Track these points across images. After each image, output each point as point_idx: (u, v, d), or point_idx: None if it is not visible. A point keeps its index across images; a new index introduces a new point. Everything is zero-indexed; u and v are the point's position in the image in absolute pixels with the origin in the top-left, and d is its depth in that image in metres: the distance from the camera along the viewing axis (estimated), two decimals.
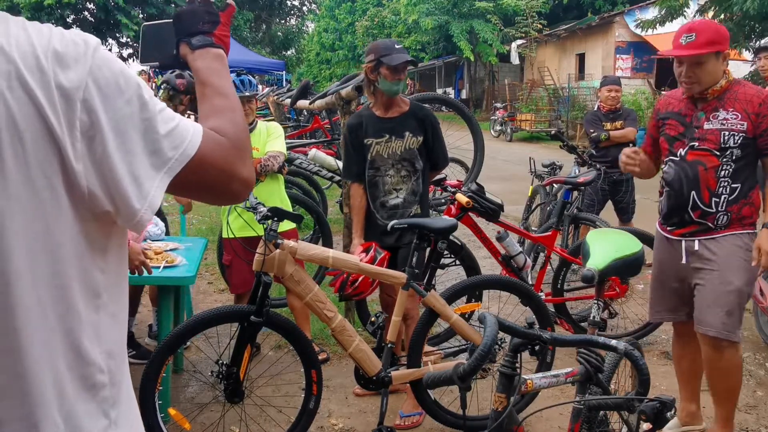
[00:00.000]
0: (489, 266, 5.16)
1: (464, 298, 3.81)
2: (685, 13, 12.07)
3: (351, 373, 3.23)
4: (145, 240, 3.43)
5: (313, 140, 7.68)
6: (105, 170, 0.86)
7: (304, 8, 42.62)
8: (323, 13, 36.85)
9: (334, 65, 34.33)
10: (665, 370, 3.79)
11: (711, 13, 11.21)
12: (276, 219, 2.87)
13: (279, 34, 38.96)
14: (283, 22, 41.40)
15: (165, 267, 3.09)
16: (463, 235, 4.23)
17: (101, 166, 0.86)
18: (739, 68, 11.72)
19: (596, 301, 2.37)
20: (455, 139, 5.26)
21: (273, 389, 3.38)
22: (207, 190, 0.99)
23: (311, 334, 3.95)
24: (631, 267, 2.40)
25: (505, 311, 4.09)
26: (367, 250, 3.09)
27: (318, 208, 5.24)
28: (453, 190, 3.79)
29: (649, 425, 1.59)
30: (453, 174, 5.82)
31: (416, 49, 26.63)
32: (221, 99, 1.04)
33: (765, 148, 2.71)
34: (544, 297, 4.03)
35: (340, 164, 4.65)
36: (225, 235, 3.84)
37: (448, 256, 3.92)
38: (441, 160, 3.47)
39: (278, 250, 2.80)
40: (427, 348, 3.28)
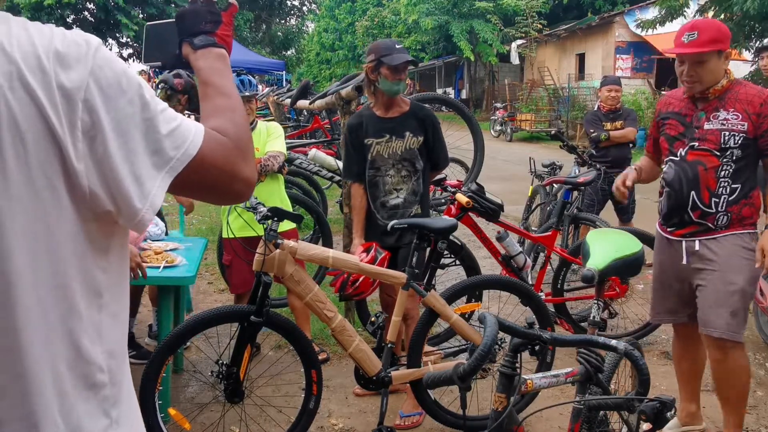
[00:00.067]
0: (489, 266, 5.16)
1: (464, 298, 3.80)
2: (685, 13, 12.08)
3: (351, 373, 3.23)
4: (145, 240, 3.43)
5: (313, 140, 7.68)
6: (106, 170, 0.86)
7: (304, 8, 42.65)
8: (323, 13, 36.84)
9: (334, 65, 34.32)
10: (665, 370, 3.79)
11: (711, 13, 11.21)
12: (276, 219, 2.87)
13: (279, 34, 38.96)
14: (283, 22, 41.42)
15: (165, 267, 3.10)
16: (463, 235, 4.23)
17: (102, 166, 0.86)
18: (739, 68, 11.70)
19: (596, 301, 2.37)
20: (455, 139, 5.26)
21: (273, 389, 3.38)
22: (209, 189, 0.99)
23: (311, 334, 3.96)
24: (631, 267, 2.40)
25: (505, 311, 4.09)
26: (367, 250, 3.08)
27: (318, 208, 5.24)
28: (453, 190, 3.79)
29: (649, 425, 1.59)
30: (453, 174, 5.82)
31: (416, 49, 26.62)
32: (223, 99, 1.04)
33: (766, 148, 2.69)
34: (544, 297, 4.03)
35: (340, 164, 4.65)
36: (225, 235, 3.84)
37: (448, 256, 3.92)
38: (441, 160, 3.47)
39: (278, 250, 2.80)
40: (427, 348, 3.28)
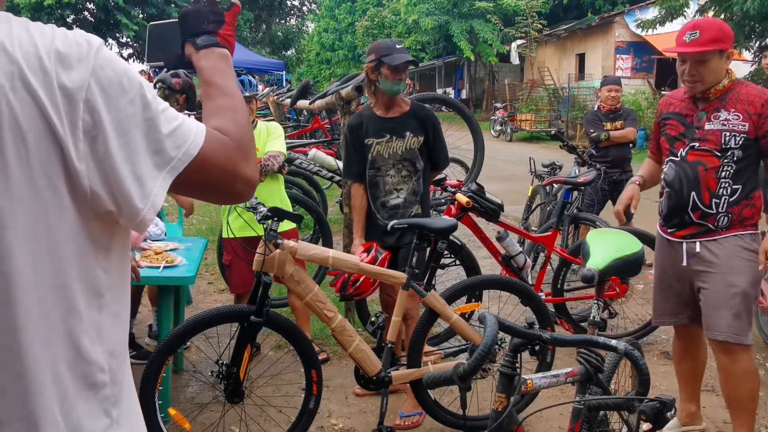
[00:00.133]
0: (489, 266, 5.16)
1: (464, 298, 3.80)
2: (685, 13, 12.08)
3: (351, 373, 3.23)
4: (145, 240, 3.43)
5: (313, 140, 7.68)
6: (107, 170, 0.86)
7: (304, 8, 42.64)
8: (323, 13, 36.84)
9: (334, 65, 34.31)
10: (665, 370, 3.79)
11: (711, 13, 11.21)
12: (276, 219, 2.87)
13: (279, 34, 38.96)
14: (283, 22, 41.42)
15: (165, 267, 3.09)
16: (463, 235, 4.23)
17: (104, 165, 0.86)
18: (739, 68, 11.71)
19: (596, 301, 2.37)
20: (455, 139, 5.26)
21: (273, 389, 3.38)
22: (210, 189, 0.99)
23: (311, 334, 3.96)
24: (631, 267, 2.40)
25: (505, 311, 4.09)
26: (368, 250, 3.08)
27: (318, 208, 5.24)
28: (453, 190, 3.78)
29: (649, 425, 1.59)
30: (453, 174, 5.82)
31: (416, 49, 26.61)
32: (225, 98, 1.04)
33: (767, 149, 2.67)
34: (544, 297, 4.03)
35: (340, 164, 4.65)
36: (225, 235, 3.84)
37: (448, 256, 3.92)
38: (442, 160, 3.47)
39: (278, 250, 2.80)
40: (427, 348, 3.28)
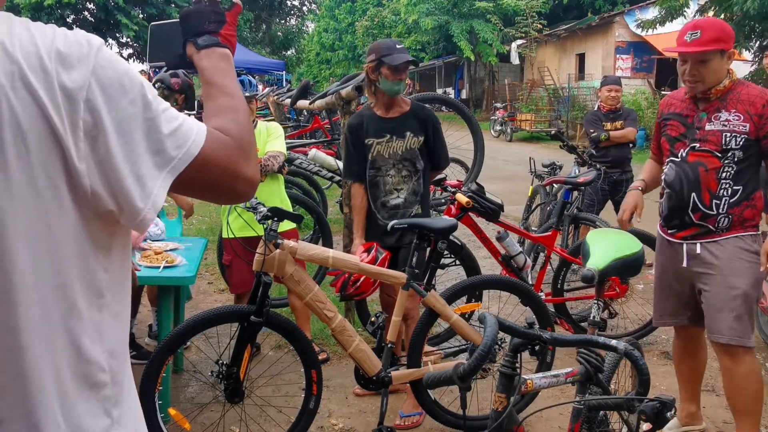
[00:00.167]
0: (489, 266, 5.16)
1: (464, 298, 3.80)
2: (685, 13, 12.08)
3: (351, 373, 3.23)
4: (145, 240, 3.43)
5: (313, 140, 7.69)
6: (108, 170, 0.87)
7: (304, 8, 42.67)
8: (323, 13, 36.83)
9: (334, 65, 34.30)
10: (665, 370, 3.79)
11: (711, 13, 11.21)
12: (276, 219, 2.87)
13: (279, 34, 38.99)
14: (283, 22, 41.44)
15: (165, 267, 3.09)
16: (463, 235, 4.23)
17: (104, 165, 0.86)
18: (739, 68, 11.70)
19: (596, 301, 2.37)
20: (455, 139, 5.26)
21: (273, 389, 3.38)
22: (211, 189, 0.99)
23: (311, 334, 3.96)
24: (631, 267, 2.40)
25: (505, 311, 4.09)
26: (368, 250, 3.08)
27: (318, 208, 5.24)
28: (453, 190, 3.78)
29: (649, 425, 1.59)
30: (453, 174, 5.82)
31: (416, 49, 26.60)
32: (226, 98, 1.04)
33: None
34: (544, 297, 4.03)
35: (340, 164, 4.65)
36: (225, 235, 3.84)
37: (448, 256, 3.92)
38: (442, 160, 3.47)
39: (278, 250, 2.80)
40: (427, 348, 3.28)
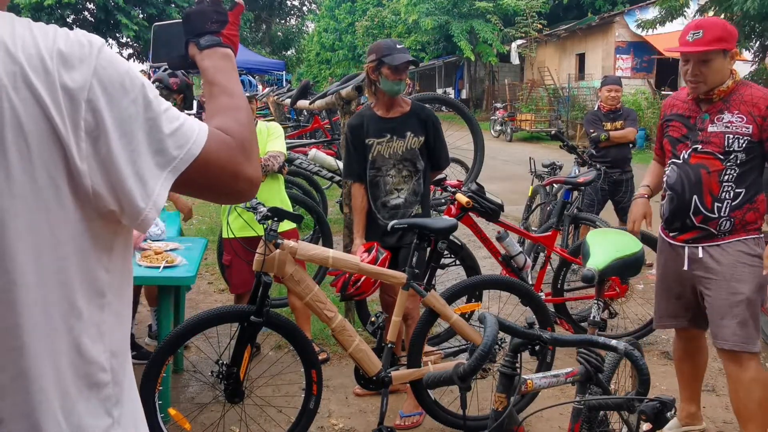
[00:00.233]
0: (489, 266, 5.16)
1: (464, 298, 3.80)
2: (685, 13, 12.07)
3: (351, 373, 3.23)
4: (145, 240, 3.43)
5: (313, 140, 7.69)
6: (109, 170, 0.87)
7: (304, 8, 42.70)
8: (323, 13, 36.83)
9: (334, 65, 34.30)
10: (665, 370, 3.79)
11: (711, 13, 11.20)
12: (276, 219, 2.87)
13: (279, 34, 39.03)
14: (283, 22, 41.48)
15: (165, 267, 3.10)
16: (463, 235, 4.23)
17: (106, 165, 0.87)
18: (739, 68, 11.69)
19: (596, 301, 2.37)
20: (455, 139, 5.26)
21: (273, 389, 3.38)
22: (213, 189, 0.99)
23: (311, 334, 3.96)
24: (631, 267, 2.40)
25: (505, 311, 4.09)
26: (369, 250, 3.08)
27: (318, 208, 5.24)
28: (453, 190, 3.78)
29: (649, 425, 1.59)
30: (453, 174, 5.82)
31: (416, 49, 26.60)
32: (227, 98, 1.04)
33: None
34: (544, 297, 4.03)
35: (340, 164, 4.65)
36: (225, 235, 3.84)
37: (448, 256, 3.92)
38: (442, 160, 3.47)
39: (278, 250, 2.80)
40: (427, 348, 3.28)
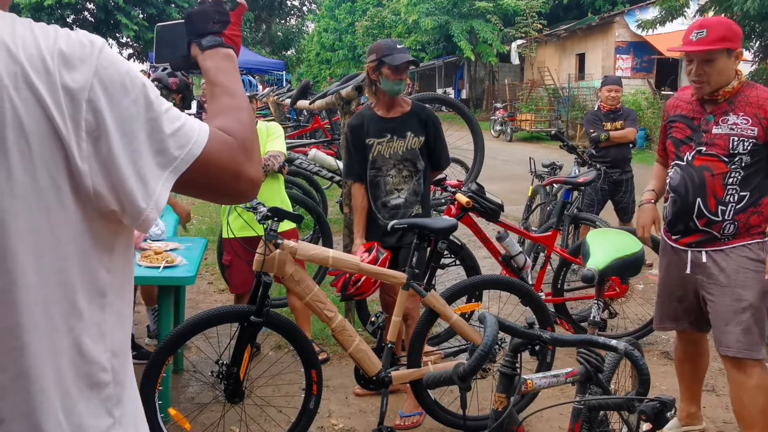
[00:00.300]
0: (489, 266, 5.16)
1: (464, 298, 3.80)
2: (685, 13, 12.07)
3: (351, 373, 3.23)
4: (145, 240, 3.43)
5: (313, 140, 7.69)
6: (110, 170, 0.87)
7: (304, 8, 42.70)
8: (323, 13, 36.84)
9: (334, 65, 34.30)
10: (665, 370, 3.79)
11: (711, 13, 11.20)
12: (276, 219, 2.87)
13: (279, 34, 39.03)
14: (283, 22, 41.48)
15: (165, 267, 3.09)
16: (463, 235, 4.24)
17: (107, 165, 0.87)
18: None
19: (596, 301, 2.37)
20: (455, 139, 5.26)
21: (273, 389, 3.38)
22: (214, 189, 0.99)
23: (311, 334, 3.96)
24: (631, 267, 2.40)
25: (505, 311, 4.09)
26: (369, 250, 3.08)
27: (318, 208, 5.24)
28: (453, 190, 3.79)
29: (649, 425, 1.59)
30: (453, 174, 5.82)
31: (416, 49, 26.60)
32: (229, 98, 1.04)
33: None
34: (544, 297, 4.03)
35: (340, 164, 4.66)
36: (225, 235, 3.84)
37: (448, 256, 3.92)
38: (443, 160, 3.48)
39: (278, 250, 2.80)
40: (427, 348, 3.28)
